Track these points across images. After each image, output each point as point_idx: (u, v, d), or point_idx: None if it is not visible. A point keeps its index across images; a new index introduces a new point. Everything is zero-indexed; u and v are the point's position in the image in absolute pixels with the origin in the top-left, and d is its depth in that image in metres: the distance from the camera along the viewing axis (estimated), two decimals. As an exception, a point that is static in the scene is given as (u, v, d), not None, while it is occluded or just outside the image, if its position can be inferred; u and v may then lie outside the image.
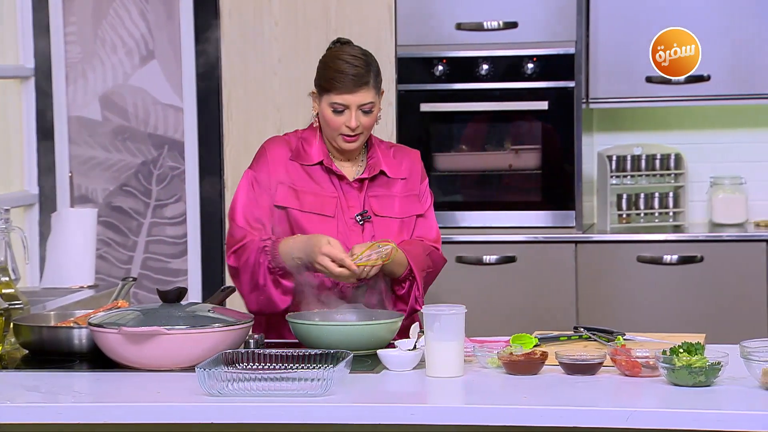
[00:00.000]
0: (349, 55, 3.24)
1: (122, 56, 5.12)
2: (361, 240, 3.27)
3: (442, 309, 2.80)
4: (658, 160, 5.26)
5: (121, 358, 2.88)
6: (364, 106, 3.23)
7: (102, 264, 5.05)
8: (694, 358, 2.64)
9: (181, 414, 2.56)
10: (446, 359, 2.77)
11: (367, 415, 2.53)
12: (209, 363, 2.66)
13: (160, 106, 5.13)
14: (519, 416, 2.49)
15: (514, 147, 5.13)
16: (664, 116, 5.38)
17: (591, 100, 5.10)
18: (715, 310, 4.91)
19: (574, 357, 2.79)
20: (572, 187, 5.04)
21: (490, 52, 5.08)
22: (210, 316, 2.91)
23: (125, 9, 5.11)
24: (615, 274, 4.97)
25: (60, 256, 4.41)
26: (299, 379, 2.62)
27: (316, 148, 3.30)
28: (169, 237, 5.13)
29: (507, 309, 4.97)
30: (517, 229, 5.05)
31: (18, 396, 2.67)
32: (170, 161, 5.13)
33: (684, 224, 5.23)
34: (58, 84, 5.12)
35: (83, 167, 5.15)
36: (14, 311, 3.14)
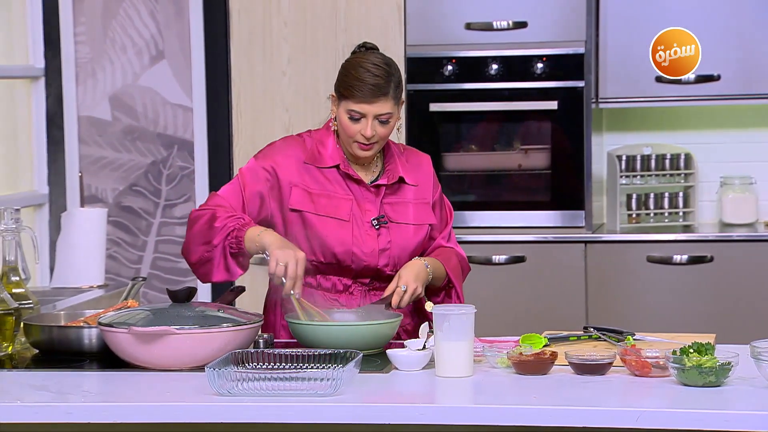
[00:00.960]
0: (371, 63, 3.20)
1: (132, 56, 5.13)
2: (375, 244, 3.24)
3: (451, 309, 2.80)
4: (667, 160, 5.25)
5: (130, 358, 2.88)
6: (381, 116, 3.20)
7: (112, 264, 5.06)
8: (704, 359, 2.63)
9: (190, 414, 2.56)
10: (456, 359, 2.77)
11: (376, 414, 2.53)
12: (219, 363, 2.66)
13: (169, 106, 5.13)
14: (529, 416, 2.49)
15: (523, 147, 5.12)
16: (673, 116, 5.37)
17: (600, 99, 5.10)
18: (725, 310, 4.90)
19: (584, 357, 2.79)
20: (582, 187, 5.04)
21: (499, 51, 5.08)
22: (219, 316, 2.91)
23: (135, 9, 5.11)
24: (624, 274, 4.96)
25: (70, 256, 4.42)
26: (309, 379, 2.62)
27: (331, 151, 3.28)
28: (179, 237, 5.13)
29: (516, 309, 4.97)
30: (526, 229, 5.05)
31: (28, 395, 2.67)
32: (180, 161, 5.14)
33: (694, 224, 5.22)
34: (68, 84, 5.13)
35: (93, 167, 5.16)
36: (24, 311, 3.15)
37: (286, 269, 3.02)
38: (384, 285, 3.26)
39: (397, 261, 3.27)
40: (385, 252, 3.25)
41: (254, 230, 3.12)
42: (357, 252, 3.22)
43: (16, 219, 3.22)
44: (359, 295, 3.26)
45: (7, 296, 3.09)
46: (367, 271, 3.25)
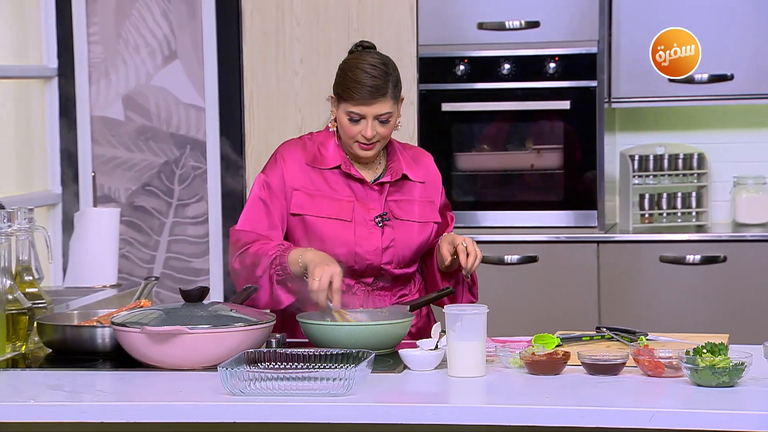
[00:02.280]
0: (368, 64, 3.19)
1: (145, 56, 5.13)
2: (379, 242, 3.25)
3: (464, 309, 2.80)
4: (680, 160, 5.24)
5: (143, 358, 2.89)
6: (381, 116, 3.20)
7: (125, 263, 5.07)
8: (718, 359, 2.63)
9: (203, 413, 2.56)
10: (468, 359, 2.77)
11: (389, 414, 2.53)
12: (232, 362, 2.66)
13: (182, 106, 5.14)
14: (541, 416, 2.49)
15: (535, 147, 5.12)
16: (686, 116, 5.36)
17: (613, 99, 5.09)
18: (738, 310, 4.89)
19: (597, 357, 2.79)
20: (594, 186, 5.03)
21: (511, 51, 5.08)
22: (232, 316, 2.92)
23: (148, 9, 5.12)
24: (637, 274, 4.96)
25: (83, 256, 4.43)
26: (321, 379, 2.62)
27: (333, 152, 3.28)
28: (191, 236, 5.14)
29: (529, 309, 4.96)
30: (538, 229, 5.04)
31: (41, 395, 2.68)
32: (192, 161, 5.14)
33: (707, 224, 5.21)
34: (81, 84, 5.14)
35: (106, 167, 5.17)
36: (38, 310, 3.16)
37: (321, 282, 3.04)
38: (387, 285, 3.27)
39: (400, 259, 3.27)
40: (389, 249, 3.26)
41: (295, 252, 3.14)
42: (360, 251, 3.23)
43: (29, 219, 3.23)
44: (362, 295, 3.26)
45: (21, 296, 3.10)
46: (371, 270, 3.26)
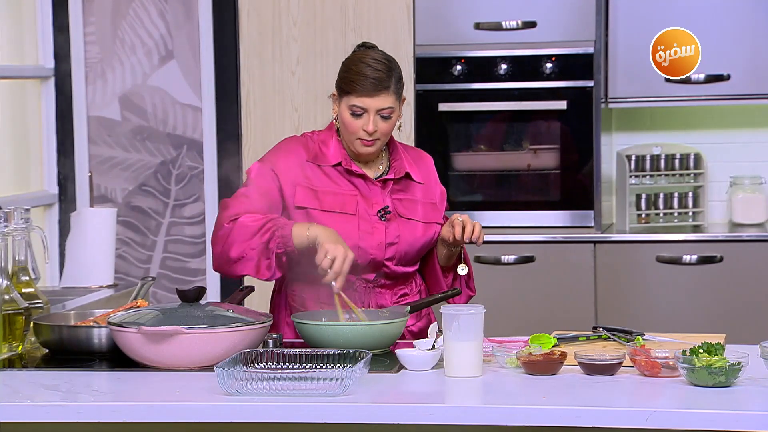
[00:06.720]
0: (371, 58, 3.22)
1: (141, 56, 5.13)
2: (383, 237, 3.25)
3: (460, 309, 2.80)
4: (677, 160, 5.25)
5: (140, 358, 2.89)
6: (383, 111, 3.21)
7: (121, 263, 5.07)
8: (714, 359, 2.63)
9: (199, 413, 2.56)
10: (465, 359, 2.77)
11: (385, 414, 2.53)
12: (228, 362, 2.66)
13: (179, 106, 5.14)
14: (538, 416, 2.49)
15: (532, 147, 5.12)
16: (683, 116, 5.36)
17: (610, 99, 5.09)
18: (735, 310, 4.89)
19: (593, 357, 2.79)
20: (591, 186, 5.03)
21: (508, 51, 5.08)
22: (229, 316, 2.92)
23: (144, 9, 5.12)
24: (634, 275, 4.96)
25: (80, 256, 4.43)
26: (318, 379, 2.62)
27: (334, 149, 3.29)
28: (188, 236, 5.14)
29: (525, 309, 4.96)
30: (535, 229, 5.04)
31: (38, 395, 2.68)
32: (189, 161, 5.14)
33: (703, 224, 5.21)
34: (77, 84, 5.14)
35: (102, 167, 5.17)
36: (34, 310, 3.16)
37: (333, 262, 3.04)
38: (388, 283, 3.28)
39: (403, 256, 3.28)
40: (393, 246, 3.26)
41: (301, 226, 3.13)
42: (363, 246, 3.23)
43: (26, 219, 3.23)
44: (363, 291, 3.27)
45: (18, 296, 3.10)
46: (372, 266, 3.26)
